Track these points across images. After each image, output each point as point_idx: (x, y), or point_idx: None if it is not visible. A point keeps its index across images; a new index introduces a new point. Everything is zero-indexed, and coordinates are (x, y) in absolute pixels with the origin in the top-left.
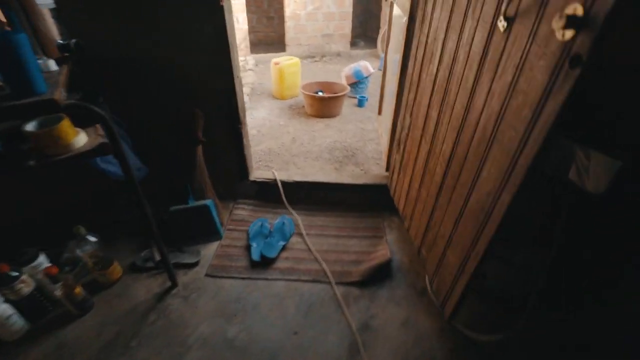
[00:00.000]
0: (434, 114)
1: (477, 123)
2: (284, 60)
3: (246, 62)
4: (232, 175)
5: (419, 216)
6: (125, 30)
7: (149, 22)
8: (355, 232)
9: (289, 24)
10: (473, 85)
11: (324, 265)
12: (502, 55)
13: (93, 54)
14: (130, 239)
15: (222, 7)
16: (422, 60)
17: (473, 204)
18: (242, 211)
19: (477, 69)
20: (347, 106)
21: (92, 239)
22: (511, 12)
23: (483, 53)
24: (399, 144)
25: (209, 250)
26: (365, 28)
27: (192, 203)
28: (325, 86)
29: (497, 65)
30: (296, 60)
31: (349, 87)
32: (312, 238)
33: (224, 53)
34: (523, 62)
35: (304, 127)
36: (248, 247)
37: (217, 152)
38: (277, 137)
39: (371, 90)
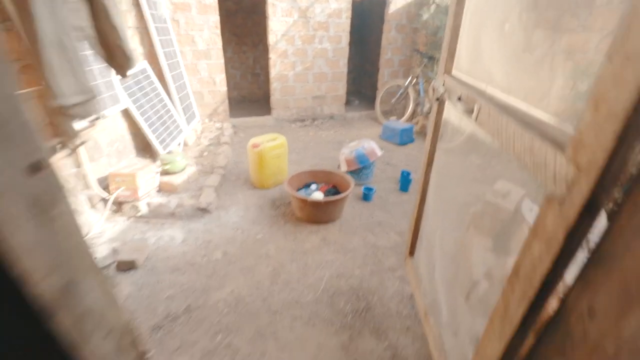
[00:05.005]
0: None
1: None
2: (266, 141)
3: (222, 131)
4: None
5: None
6: None
7: None
8: None
9: (274, 85)
10: None
11: None
12: None
13: None
14: None
15: None
16: None
17: None
18: None
19: None
20: (349, 199)
21: None
22: None
23: None
24: None
25: None
26: (360, 85)
27: None
28: (321, 176)
29: None
30: (281, 140)
31: (352, 182)
32: None
33: None
34: None
35: (292, 244)
36: None
37: None
38: (250, 269)
39: (377, 173)
